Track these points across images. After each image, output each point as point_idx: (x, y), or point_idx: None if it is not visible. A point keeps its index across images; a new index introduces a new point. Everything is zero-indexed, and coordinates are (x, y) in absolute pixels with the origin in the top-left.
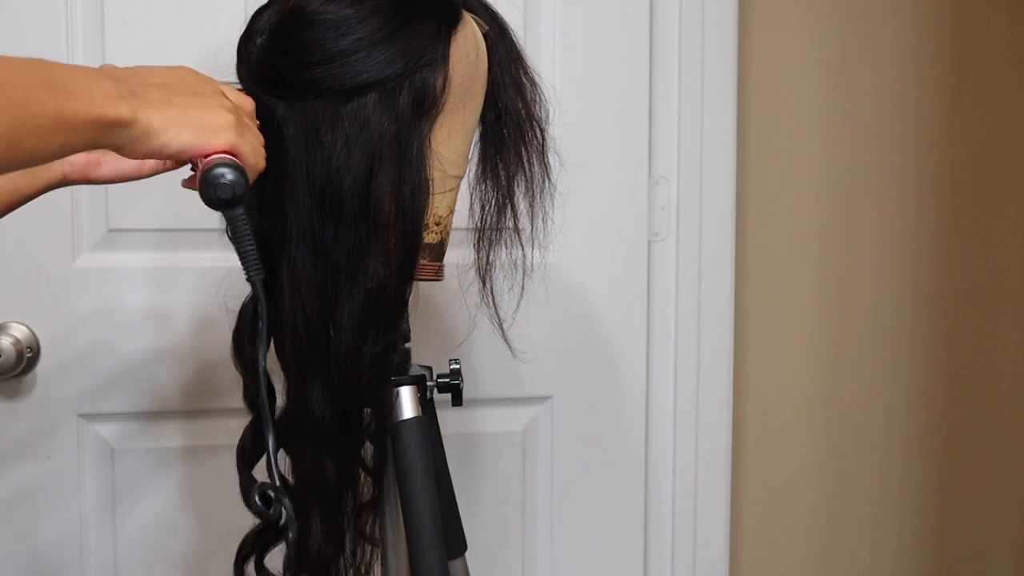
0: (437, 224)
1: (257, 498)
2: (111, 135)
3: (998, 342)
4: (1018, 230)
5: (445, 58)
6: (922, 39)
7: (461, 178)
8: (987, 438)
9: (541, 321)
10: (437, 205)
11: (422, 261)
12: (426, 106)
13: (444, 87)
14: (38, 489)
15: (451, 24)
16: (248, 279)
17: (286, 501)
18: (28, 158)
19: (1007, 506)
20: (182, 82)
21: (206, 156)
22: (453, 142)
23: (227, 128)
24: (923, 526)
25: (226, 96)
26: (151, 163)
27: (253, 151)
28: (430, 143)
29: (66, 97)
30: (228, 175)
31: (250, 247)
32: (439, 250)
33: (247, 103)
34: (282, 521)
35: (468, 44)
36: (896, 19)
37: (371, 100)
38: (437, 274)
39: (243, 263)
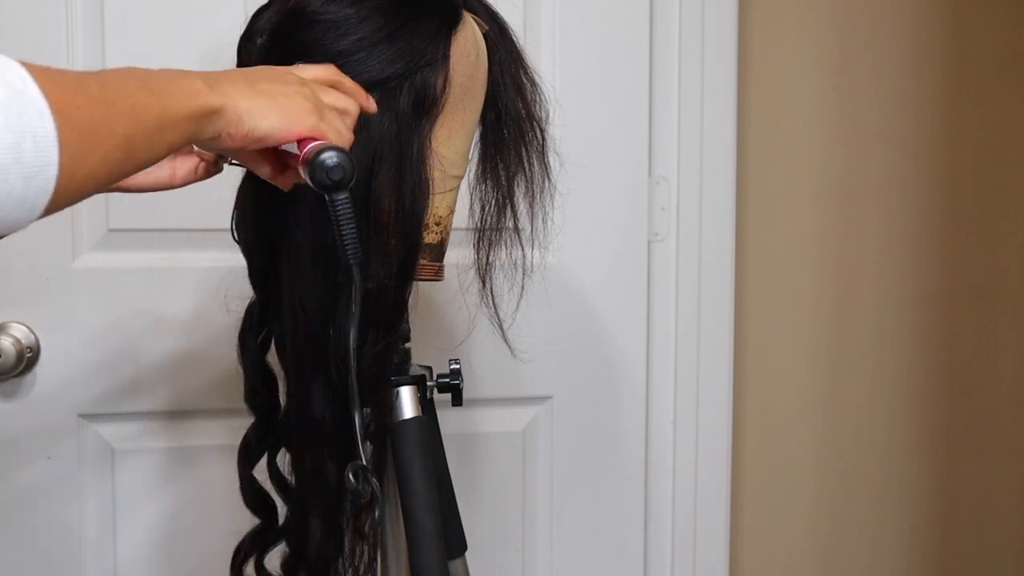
0: (437, 224)
1: (350, 475)
2: (208, 126)
3: (998, 342)
4: (1018, 230)
5: (445, 58)
6: (922, 39)
7: (461, 178)
8: (987, 438)
9: (541, 321)
10: (437, 205)
11: (422, 261)
12: (426, 106)
13: (444, 87)
14: (38, 489)
15: (451, 24)
16: (347, 262)
17: (374, 480)
18: (142, 163)
19: (1007, 506)
20: (262, 72)
21: (300, 142)
22: (453, 142)
23: (309, 112)
24: (923, 526)
25: (305, 83)
26: (183, 172)
27: (337, 133)
28: (430, 143)
29: (166, 97)
30: (335, 157)
31: (352, 229)
32: (439, 250)
33: (325, 74)
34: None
35: (468, 44)
36: (896, 19)
37: None
38: (437, 274)
39: (341, 245)
